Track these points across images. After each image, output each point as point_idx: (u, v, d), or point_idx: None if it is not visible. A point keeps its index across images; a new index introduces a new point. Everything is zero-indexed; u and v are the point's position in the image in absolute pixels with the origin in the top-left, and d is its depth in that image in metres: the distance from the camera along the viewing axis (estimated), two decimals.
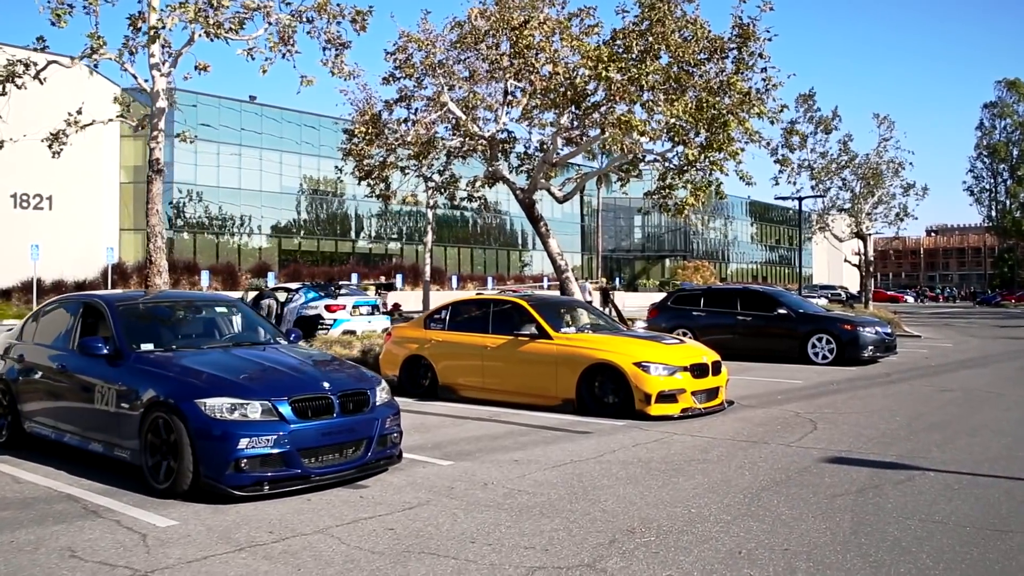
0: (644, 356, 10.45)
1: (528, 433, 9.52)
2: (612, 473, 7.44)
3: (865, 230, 39.66)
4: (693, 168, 20.65)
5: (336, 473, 6.87)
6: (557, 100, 17.28)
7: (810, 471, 7.48)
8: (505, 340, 11.68)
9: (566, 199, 22.65)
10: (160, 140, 13.39)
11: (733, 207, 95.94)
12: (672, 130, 18.15)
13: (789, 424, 10.05)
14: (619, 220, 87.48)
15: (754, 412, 11.05)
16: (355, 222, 59.62)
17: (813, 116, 37.33)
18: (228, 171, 50.16)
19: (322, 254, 56.83)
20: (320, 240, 57.02)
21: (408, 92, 21.18)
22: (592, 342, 11.05)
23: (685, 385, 10.43)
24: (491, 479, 7.24)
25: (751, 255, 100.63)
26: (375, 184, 21.41)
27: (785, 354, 17.77)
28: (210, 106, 49.27)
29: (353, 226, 59.60)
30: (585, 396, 10.77)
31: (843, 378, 15.06)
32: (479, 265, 69.75)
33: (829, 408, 11.41)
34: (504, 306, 12.29)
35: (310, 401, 6.80)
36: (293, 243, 55.62)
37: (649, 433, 9.42)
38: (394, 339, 13.39)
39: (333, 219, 58.36)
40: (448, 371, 12.34)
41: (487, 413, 10.98)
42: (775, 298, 18.58)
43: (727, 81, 18.37)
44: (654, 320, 20.03)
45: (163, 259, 13.25)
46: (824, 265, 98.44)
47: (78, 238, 41.42)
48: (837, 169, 37.61)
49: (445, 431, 9.69)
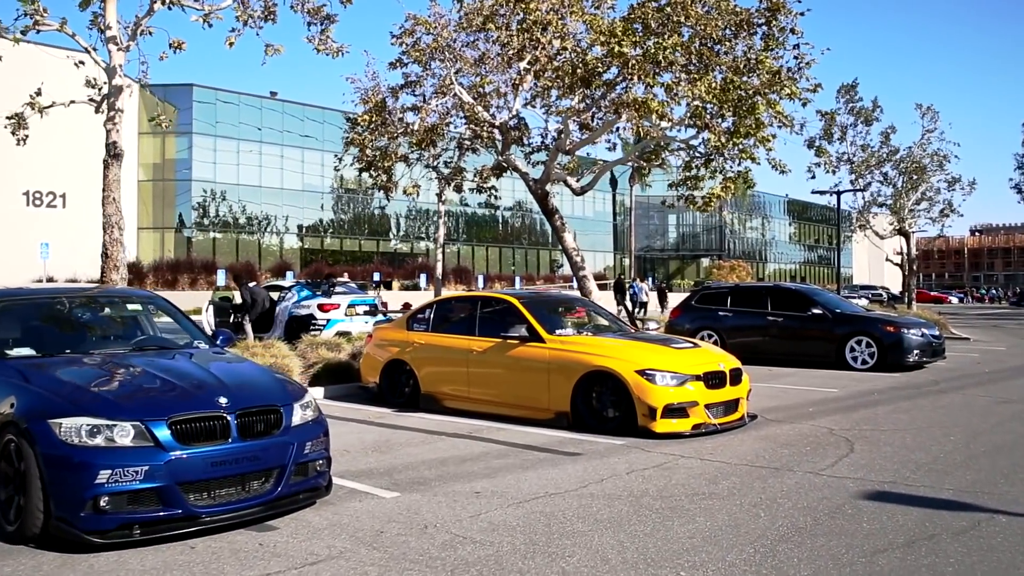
0: (649, 363, 8.87)
1: (506, 454, 8.00)
2: (591, 513, 5.89)
3: (908, 227, 37.54)
4: (721, 157, 19.06)
5: (234, 512, 5.42)
6: (567, 79, 15.72)
7: (844, 512, 5.88)
8: (492, 343, 10.16)
9: (583, 191, 21.11)
10: (118, 121, 12.10)
11: (770, 206, 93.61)
12: (695, 114, 16.55)
13: (821, 444, 8.42)
14: (652, 219, 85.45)
15: (780, 429, 9.42)
16: (381, 221, 58.48)
17: (854, 107, 35.37)
18: (248, 169, 49.23)
19: (346, 253, 55.74)
20: (344, 239, 55.94)
21: (414, 78, 19.80)
22: (590, 346, 9.48)
23: (697, 397, 8.83)
24: (436, 519, 5.74)
25: (789, 255, 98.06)
26: (376, 176, 20.01)
27: (820, 359, 16.06)
28: (230, 103, 48.40)
29: (379, 225, 58.44)
30: (581, 409, 9.22)
31: (885, 386, 13.34)
32: (511, 265, 68.33)
33: (869, 424, 9.74)
34: (492, 304, 10.79)
35: (198, 421, 5.35)
36: (316, 242, 54.58)
37: (650, 456, 7.85)
38: (375, 341, 11.94)
39: (358, 217, 57.26)
40: (431, 378, 10.86)
41: (468, 428, 9.48)
42: (809, 297, 16.84)
43: (755, 59, 16.74)
44: (677, 321, 18.38)
45: (120, 252, 11.95)
46: (865, 265, 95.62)
47: (92, 237, 40.41)
48: (878, 163, 35.53)
49: (408, 451, 8.20)
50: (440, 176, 20.83)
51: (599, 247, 79.03)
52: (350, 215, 56.81)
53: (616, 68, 15.04)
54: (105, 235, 11.87)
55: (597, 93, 16.07)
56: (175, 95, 47.05)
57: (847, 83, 33.98)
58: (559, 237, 20.52)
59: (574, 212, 75.38)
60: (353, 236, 56.62)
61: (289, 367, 12.54)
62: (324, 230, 54.86)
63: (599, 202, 78.42)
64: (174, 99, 47.13)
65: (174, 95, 47.05)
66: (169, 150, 47.76)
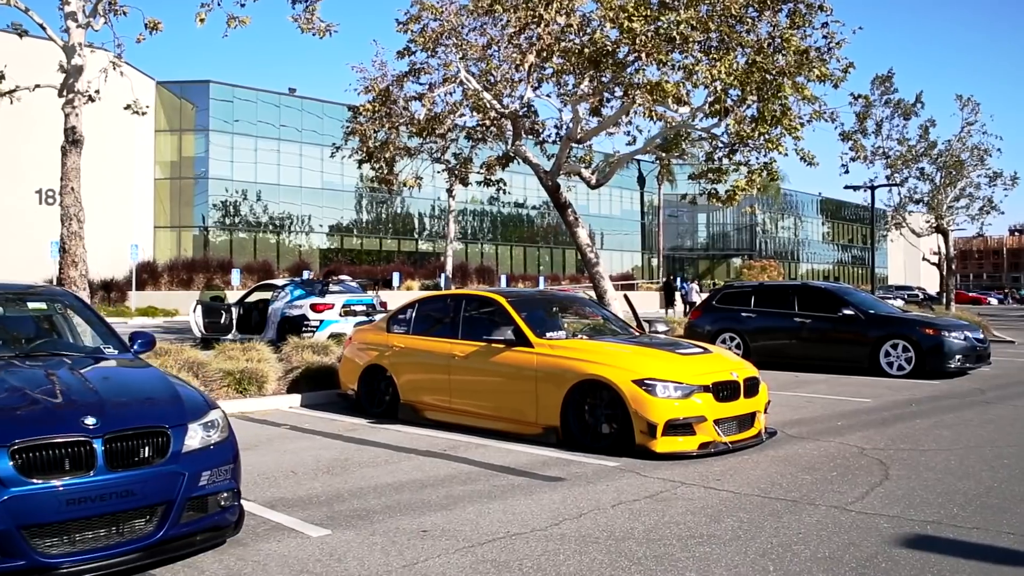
0: (648, 371, 7.66)
1: (476, 479, 6.84)
2: (555, 563, 4.71)
3: (946, 224, 35.86)
4: (745, 147, 17.75)
5: (102, 562, 4.31)
6: (573, 60, 14.53)
7: (876, 565, 4.65)
8: (476, 348, 9.00)
9: (599, 184, 19.88)
10: (77, 105, 11.11)
11: (803, 205, 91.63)
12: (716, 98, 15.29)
13: (849, 468, 7.17)
14: (682, 218, 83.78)
15: (803, 447, 8.16)
16: (404, 220, 57.54)
17: (891, 99, 33.75)
18: (267, 167, 48.41)
19: (367, 252, 54.84)
20: (364, 238, 55.03)
21: (418, 65, 18.71)
22: (583, 352, 8.26)
23: (705, 411, 7.61)
24: (360, 569, 4.60)
25: (823, 255, 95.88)
26: (378, 168, 18.95)
27: (853, 364, 14.71)
28: (247, 100, 47.63)
29: (402, 224, 57.50)
30: (572, 424, 8.03)
31: (924, 396, 12.00)
32: (542, 265, 67.17)
33: (906, 441, 8.45)
34: (478, 304, 9.62)
35: (51, 448, 4.25)
36: (336, 241, 53.73)
37: (645, 482, 6.65)
38: (354, 344, 10.83)
39: (381, 216, 56.32)
40: (411, 386, 9.73)
41: (445, 444, 8.33)
42: (840, 296, 15.47)
43: (781, 37, 15.44)
44: (696, 322, 17.10)
45: (80, 246, 10.98)
46: (900, 265, 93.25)
47: (106, 236, 39.81)
48: (914, 158, 33.87)
49: (365, 474, 7.06)
50: (446, 168, 19.72)
51: (626, 247, 77.57)
52: (373, 214, 55.90)
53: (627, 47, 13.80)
54: (63, 228, 10.90)
55: (607, 76, 14.85)
56: (192, 92, 46.40)
57: (881, 74, 32.35)
58: (572, 233, 19.35)
59: (600, 211, 74.06)
60: (374, 235, 55.71)
61: (264, 373, 11.49)
62: (345, 229, 53.95)
63: (626, 200, 76.97)
64: (191, 96, 46.48)
65: (191, 92, 46.40)
66: (186, 148, 47.10)
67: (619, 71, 14.30)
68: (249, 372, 11.34)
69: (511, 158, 18.41)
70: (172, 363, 11.48)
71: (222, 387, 11.14)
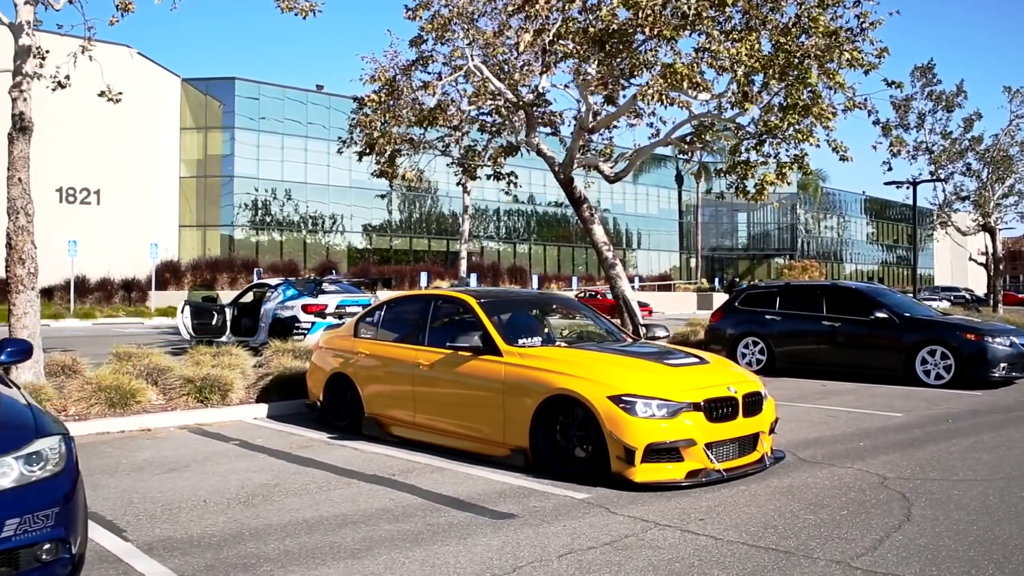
0: (627, 386, 6.52)
1: (412, 515, 5.76)
2: None
3: (993, 223, 34.04)
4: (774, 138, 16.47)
5: None
6: (578, 40, 13.39)
7: None
8: (442, 355, 7.92)
9: (617, 178, 18.70)
10: (25, 88, 10.21)
11: (847, 204, 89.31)
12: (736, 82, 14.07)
13: (864, 505, 5.97)
14: (721, 217, 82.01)
15: (813, 475, 6.96)
16: (436, 219, 56.72)
17: (933, 91, 32.04)
18: (293, 165, 47.86)
19: (397, 251, 54.09)
20: (394, 237, 54.26)
21: (426, 53, 17.72)
22: (557, 362, 7.13)
23: (694, 433, 6.44)
24: None
25: (868, 255, 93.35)
26: (380, 160, 17.99)
27: (886, 372, 13.41)
28: (273, 97, 47.14)
29: (434, 223, 56.67)
30: (542, 446, 6.91)
31: (963, 409, 10.69)
32: (579, 265, 66.01)
33: (937, 468, 7.21)
34: (447, 306, 8.54)
35: None
36: (365, 240, 53.04)
37: (611, 522, 5.53)
38: (322, 349, 9.82)
39: (411, 215, 55.55)
40: (375, 398, 8.68)
41: (399, 467, 7.27)
42: (872, 297, 14.11)
43: (808, 16, 14.19)
44: (717, 325, 15.85)
45: (28, 243, 10.08)
46: (947, 265, 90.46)
47: (128, 234, 39.58)
48: (959, 153, 32.13)
49: (284, 505, 6.02)
50: (454, 161, 18.71)
51: (664, 247, 76.09)
52: (404, 213, 55.15)
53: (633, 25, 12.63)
54: (9, 222, 10.01)
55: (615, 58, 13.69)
56: (217, 89, 45.98)
57: (922, 64, 30.70)
58: (587, 230, 18.22)
59: (636, 210, 72.70)
60: (404, 234, 54.94)
61: (228, 380, 10.53)
62: (375, 228, 53.24)
63: (663, 199, 75.46)
64: (217, 93, 46.07)
65: (216, 89, 45.99)
66: (212, 146, 46.71)
67: (627, 52, 13.12)
68: (212, 379, 10.40)
69: (516, 148, 17.33)
70: (132, 368, 10.62)
71: (181, 396, 10.22)
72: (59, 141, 36.77)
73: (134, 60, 40.28)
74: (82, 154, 38.47)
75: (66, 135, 36.10)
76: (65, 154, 37.57)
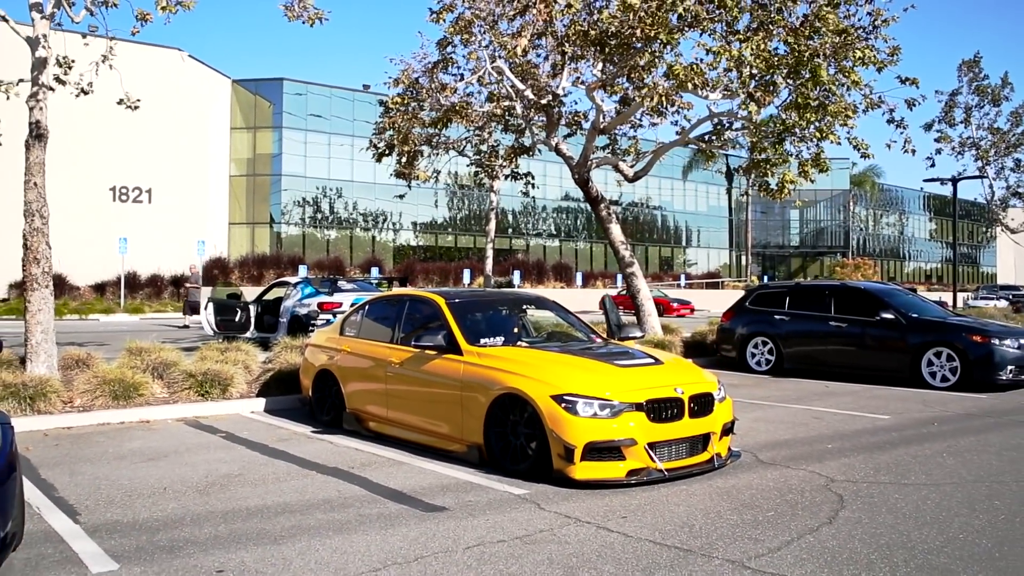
0: (570, 385, 6.71)
1: (349, 505, 6.04)
2: None
3: None
4: (793, 135, 16.47)
5: None
6: (580, 42, 13.54)
7: None
8: (410, 354, 8.22)
9: (637, 178, 18.84)
10: (41, 97, 10.75)
11: (908, 201, 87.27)
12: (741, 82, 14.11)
13: (795, 506, 6.07)
14: (773, 213, 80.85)
15: (760, 476, 7.06)
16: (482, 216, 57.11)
17: (980, 85, 31.35)
18: (340, 163, 48.69)
19: (442, 248, 54.63)
20: (439, 234, 54.82)
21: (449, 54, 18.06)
22: (511, 361, 7.34)
23: (636, 434, 6.60)
24: None
25: (929, 253, 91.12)
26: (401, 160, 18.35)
27: (891, 373, 13.33)
28: (320, 96, 47.98)
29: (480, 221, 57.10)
30: (493, 443, 7.15)
31: (958, 413, 10.60)
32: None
33: (893, 471, 7.24)
34: (419, 306, 8.80)
35: None
36: (411, 237, 53.70)
37: (535, 518, 5.73)
38: (312, 346, 10.18)
39: (457, 213, 56.04)
40: (356, 394, 9.01)
41: (360, 461, 7.57)
42: (878, 298, 13.98)
43: (817, 16, 14.16)
44: (728, 325, 15.85)
45: (43, 243, 10.61)
46: (1011, 263, 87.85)
47: (178, 232, 40.73)
48: (1007, 148, 31.38)
49: (235, 494, 6.35)
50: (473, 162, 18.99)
51: (714, 244, 75.41)
52: (453, 211, 55.69)
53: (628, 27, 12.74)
54: (26, 224, 10.55)
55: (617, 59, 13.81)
56: (266, 89, 47.01)
57: (968, 59, 30.07)
58: (604, 229, 18.41)
59: (686, 207, 72.20)
60: (450, 232, 55.46)
61: (229, 375, 10.96)
62: (421, 226, 53.87)
63: (712, 196, 74.80)
64: (265, 93, 47.09)
65: (265, 89, 47.02)
66: (261, 145, 47.77)
67: (626, 53, 13.24)
68: (213, 374, 10.83)
69: (528, 149, 17.51)
70: (140, 363, 11.12)
71: (183, 390, 10.67)
72: (113, 142, 38.08)
73: (185, 63, 41.50)
74: (135, 154, 39.70)
75: (120, 136, 37.31)
76: (119, 154, 38.89)
